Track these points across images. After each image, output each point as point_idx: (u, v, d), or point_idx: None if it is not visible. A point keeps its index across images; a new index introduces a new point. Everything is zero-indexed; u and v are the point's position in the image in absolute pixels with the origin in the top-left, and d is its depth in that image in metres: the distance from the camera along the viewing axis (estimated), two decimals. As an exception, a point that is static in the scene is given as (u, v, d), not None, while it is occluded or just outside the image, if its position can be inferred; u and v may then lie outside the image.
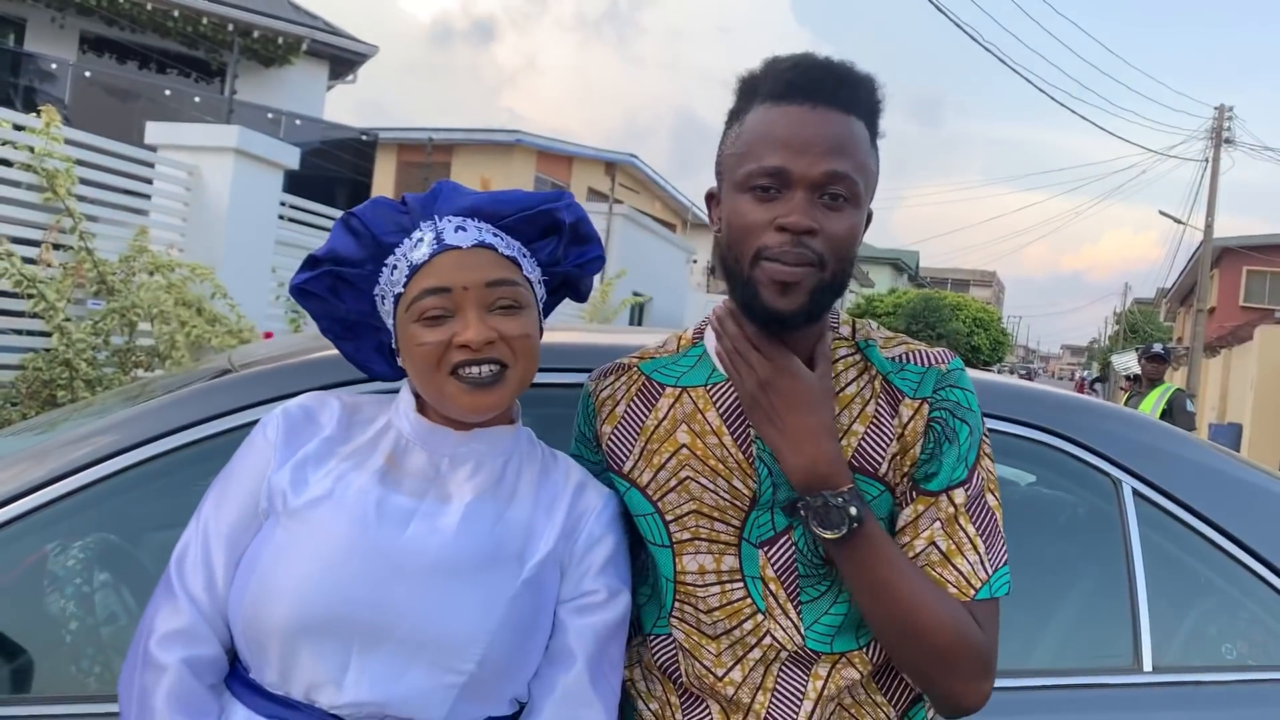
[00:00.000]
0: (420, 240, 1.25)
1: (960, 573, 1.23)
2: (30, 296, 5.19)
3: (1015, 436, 1.78)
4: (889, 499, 1.27)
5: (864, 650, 1.28)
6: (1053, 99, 19.09)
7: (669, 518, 1.30)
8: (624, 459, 1.34)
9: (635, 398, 1.36)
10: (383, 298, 1.28)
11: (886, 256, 53.07)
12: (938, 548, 1.24)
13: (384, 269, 1.28)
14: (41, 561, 1.62)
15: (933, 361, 1.29)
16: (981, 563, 1.25)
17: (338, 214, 8.22)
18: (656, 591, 1.36)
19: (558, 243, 1.35)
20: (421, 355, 1.21)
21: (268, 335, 6.28)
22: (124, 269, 5.74)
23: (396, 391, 1.35)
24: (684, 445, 1.30)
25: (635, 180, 26.76)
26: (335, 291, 1.31)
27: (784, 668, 1.27)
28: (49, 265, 5.40)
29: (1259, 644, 1.73)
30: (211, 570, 1.21)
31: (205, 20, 14.30)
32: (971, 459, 1.27)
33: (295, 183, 7.25)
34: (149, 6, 13.87)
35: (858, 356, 1.31)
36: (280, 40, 15.02)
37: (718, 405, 1.30)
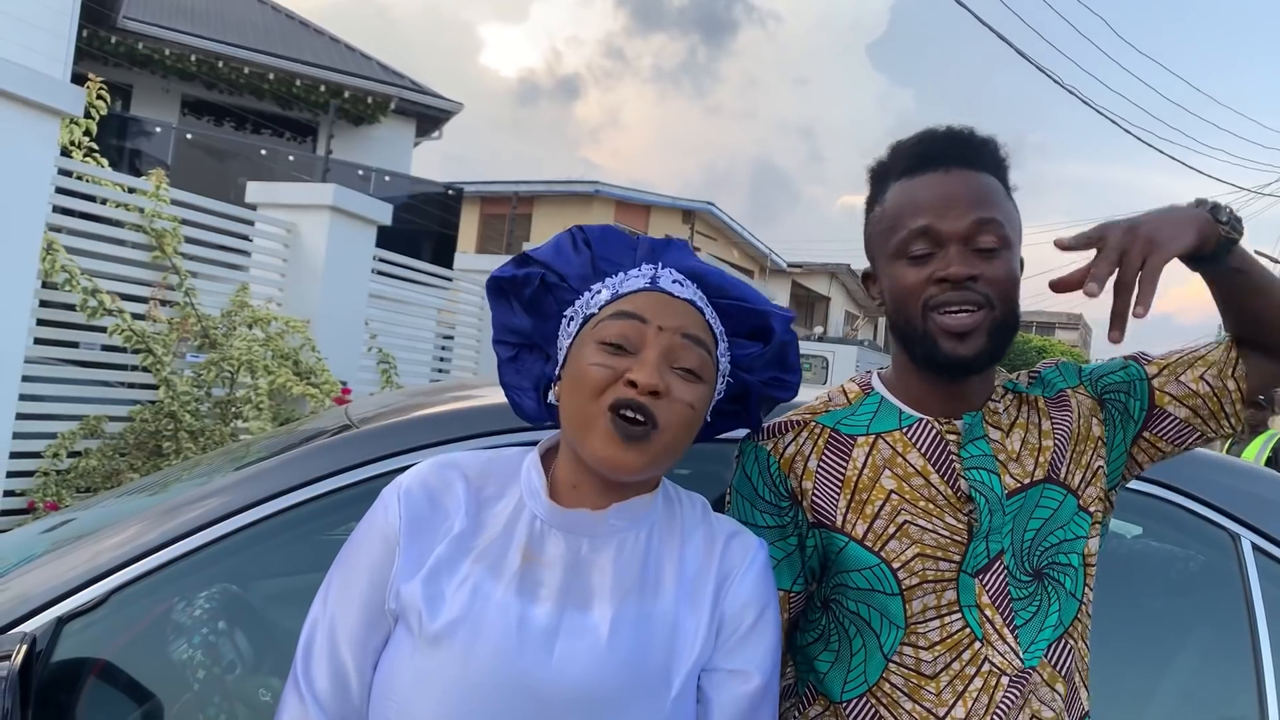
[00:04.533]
0: (636, 276, 1.24)
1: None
2: (139, 351, 5.40)
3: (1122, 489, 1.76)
4: (1073, 502, 1.34)
5: (1056, 663, 1.32)
6: (1138, 139, 18.70)
7: (895, 565, 1.31)
8: (832, 513, 1.33)
9: (826, 451, 1.36)
10: (571, 318, 1.25)
11: (968, 300, 52.17)
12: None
13: (587, 291, 1.26)
14: (166, 614, 1.69)
15: (1056, 365, 1.45)
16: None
17: (426, 267, 8.46)
18: (843, 656, 1.34)
19: (760, 352, 1.31)
20: (589, 377, 1.14)
21: (345, 391, 6.38)
22: (225, 323, 5.95)
23: (520, 444, 1.33)
24: (892, 491, 1.32)
25: (713, 228, 26.89)
26: (527, 300, 1.29)
27: (1005, 694, 1.28)
28: (157, 321, 5.62)
29: (1392, 706, 1.67)
30: (341, 670, 1.16)
31: (299, 82, 14.88)
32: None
33: (383, 236, 7.44)
34: (246, 71, 14.48)
35: (1012, 396, 1.40)
36: (370, 99, 15.53)
37: (918, 445, 1.33)
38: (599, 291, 1.24)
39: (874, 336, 37.55)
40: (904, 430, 1.34)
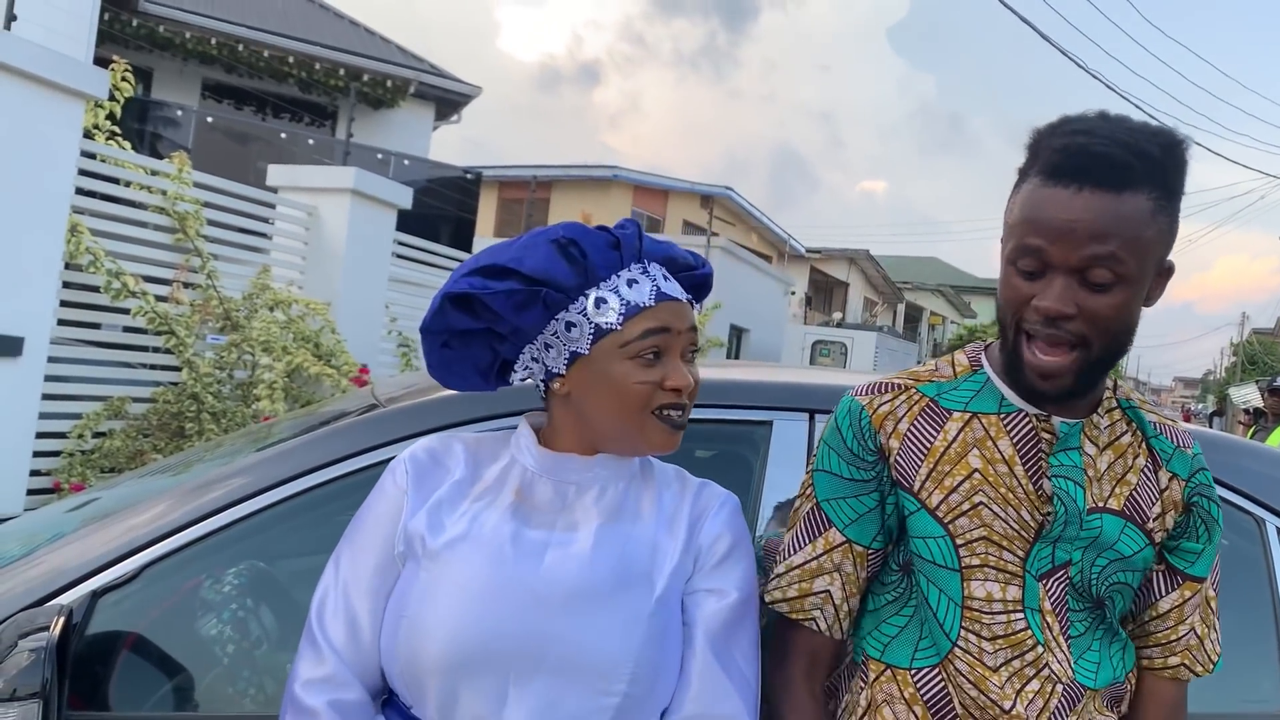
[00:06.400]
0: (635, 282, 1.30)
1: (1206, 653, 1.38)
2: (162, 333, 5.45)
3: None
4: (1151, 553, 1.33)
5: (1104, 691, 1.34)
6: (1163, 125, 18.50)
7: (959, 542, 1.31)
8: (912, 477, 1.34)
9: (920, 418, 1.36)
10: (570, 324, 1.29)
11: (989, 287, 52.10)
12: (1195, 633, 1.36)
13: (582, 297, 1.29)
14: (195, 589, 1.71)
15: (1181, 444, 1.37)
16: (1218, 638, 1.39)
17: (445, 250, 8.48)
18: (917, 621, 1.36)
19: (696, 300, 1.43)
20: (637, 394, 1.27)
21: (364, 370, 6.40)
22: (247, 306, 5.99)
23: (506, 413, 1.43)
24: (976, 470, 1.31)
25: (731, 213, 26.82)
26: (518, 308, 1.29)
27: (1059, 702, 1.29)
28: (179, 303, 5.66)
29: None
30: (354, 618, 1.26)
31: (319, 65, 14.89)
32: (1218, 540, 1.38)
33: (402, 220, 7.46)
34: (266, 54, 14.50)
35: (1120, 413, 1.37)
36: (389, 83, 15.54)
37: (1011, 434, 1.31)
38: (604, 301, 1.28)
39: (893, 323, 37.41)
40: (1002, 416, 1.32)
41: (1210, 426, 34.47)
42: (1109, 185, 1.17)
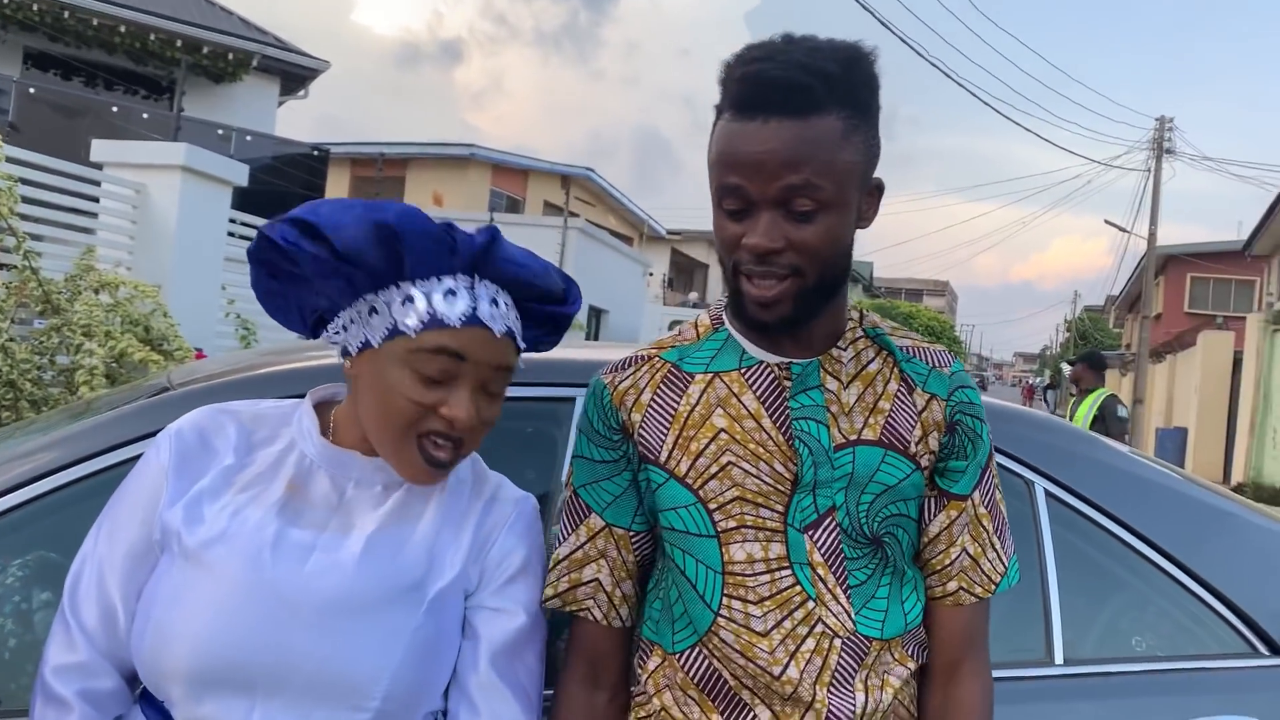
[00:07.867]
0: (453, 294, 1.19)
1: (984, 573, 1.34)
2: (-28, 317, 5.13)
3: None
4: (919, 477, 1.30)
5: (902, 639, 1.31)
6: (997, 111, 19.45)
7: (712, 506, 1.28)
8: (658, 449, 1.31)
9: (661, 385, 1.33)
10: (374, 310, 1.20)
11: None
12: (968, 553, 1.34)
13: (395, 288, 1.20)
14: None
15: (937, 364, 1.34)
16: (1000, 558, 1.36)
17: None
18: (680, 601, 1.31)
19: (545, 336, 1.36)
20: (401, 410, 1.18)
21: (199, 354, 6.19)
22: (69, 288, 5.69)
23: (300, 395, 1.34)
24: (722, 430, 1.28)
25: (591, 194, 26.84)
26: (323, 276, 1.20)
27: (840, 658, 1.26)
28: (-9, 285, 5.34)
29: (1166, 636, 1.82)
30: (108, 603, 1.21)
31: (153, 36, 14.19)
32: (985, 457, 1.36)
33: (246, 199, 7.23)
34: (95, 22, 13.73)
35: (867, 342, 1.34)
36: (230, 56, 14.93)
37: (754, 388, 1.29)
38: (409, 302, 1.19)
39: (750, 302, 38.12)
40: (742, 371, 1.30)
41: (1045, 398, 36.24)
42: (794, 111, 1.15)
